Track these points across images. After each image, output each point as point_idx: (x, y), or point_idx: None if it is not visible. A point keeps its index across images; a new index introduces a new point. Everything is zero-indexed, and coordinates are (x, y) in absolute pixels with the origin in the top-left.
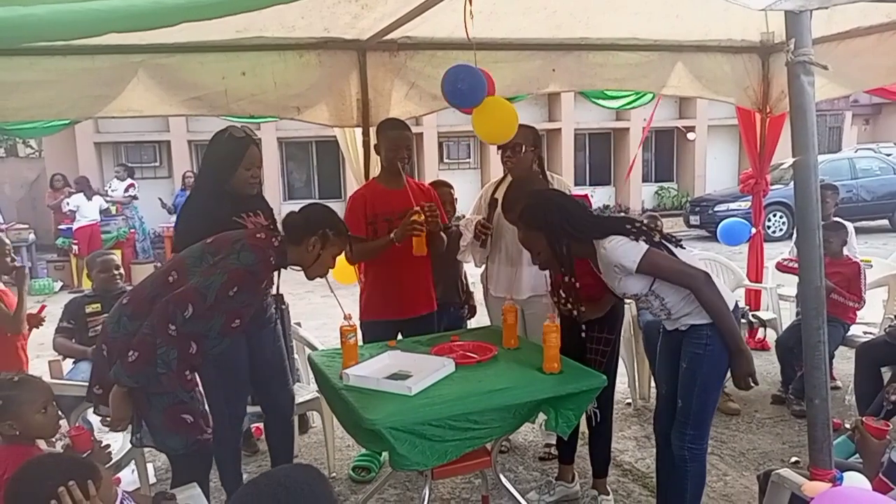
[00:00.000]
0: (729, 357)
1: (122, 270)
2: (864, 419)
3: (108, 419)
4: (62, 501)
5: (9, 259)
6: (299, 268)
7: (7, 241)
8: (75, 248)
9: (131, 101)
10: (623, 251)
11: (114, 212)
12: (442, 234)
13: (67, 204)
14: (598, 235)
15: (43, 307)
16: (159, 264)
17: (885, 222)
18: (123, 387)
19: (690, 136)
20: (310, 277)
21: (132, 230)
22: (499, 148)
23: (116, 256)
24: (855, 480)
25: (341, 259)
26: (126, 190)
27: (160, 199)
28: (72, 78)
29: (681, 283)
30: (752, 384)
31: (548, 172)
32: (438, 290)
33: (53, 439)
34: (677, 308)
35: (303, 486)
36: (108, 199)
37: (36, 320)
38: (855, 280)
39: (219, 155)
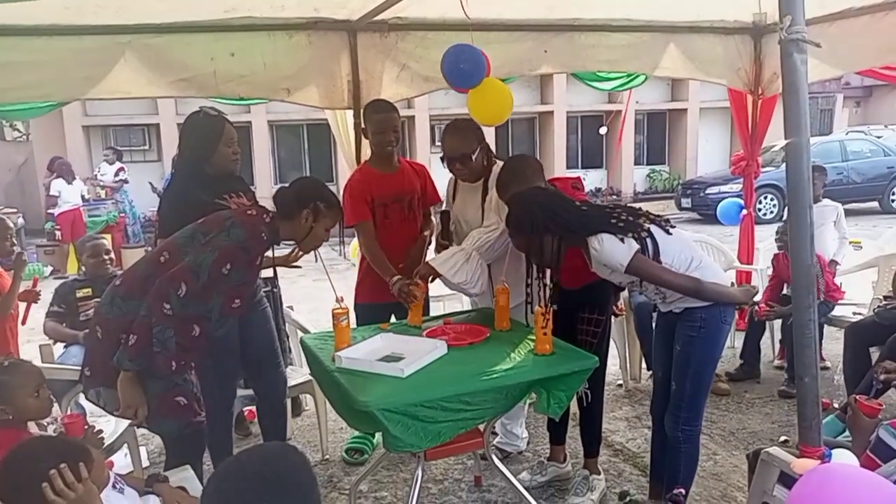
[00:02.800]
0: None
1: (112, 255)
2: (857, 397)
3: (106, 405)
4: (53, 484)
5: (9, 243)
6: (292, 242)
7: (11, 225)
8: (58, 233)
9: (119, 82)
10: (611, 252)
11: (103, 196)
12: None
13: (48, 189)
14: (586, 232)
15: (36, 280)
16: (150, 248)
17: (875, 204)
18: (128, 371)
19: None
20: (304, 251)
21: (122, 214)
22: (444, 160)
23: (107, 241)
24: (843, 457)
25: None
26: (116, 174)
27: (150, 184)
28: (58, 59)
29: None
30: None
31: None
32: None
33: (45, 423)
34: (671, 291)
35: (284, 460)
36: (98, 182)
37: (32, 296)
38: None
39: (197, 136)
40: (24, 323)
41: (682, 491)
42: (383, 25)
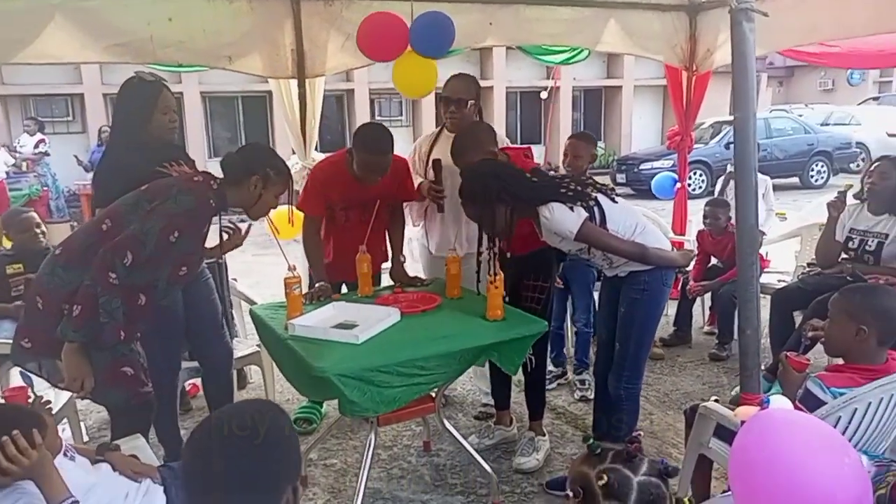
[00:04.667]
0: None
1: (43, 228)
2: (787, 354)
3: (49, 376)
4: (6, 451)
5: None
6: (240, 209)
7: None
8: None
9: (49, 46)
10: (561, 220)
11: (24, 169)
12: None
13: None
14: (538, 202)
15: None
16: (76, 224)
17: (796, 180)
18: (73, 342)
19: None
20: (253, 218)
21: (45, 188)
22: (442, 100)
23: (36, 214)
24: (780, 402)
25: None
26: (36, 146)
27: (76, 157)
28: None
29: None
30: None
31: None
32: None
33: None
34: (618, 257)
35: (266, 416)
36: (18, 154)
37: None
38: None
39: (132, 103)
40: None
41: (641, 432)
42: None
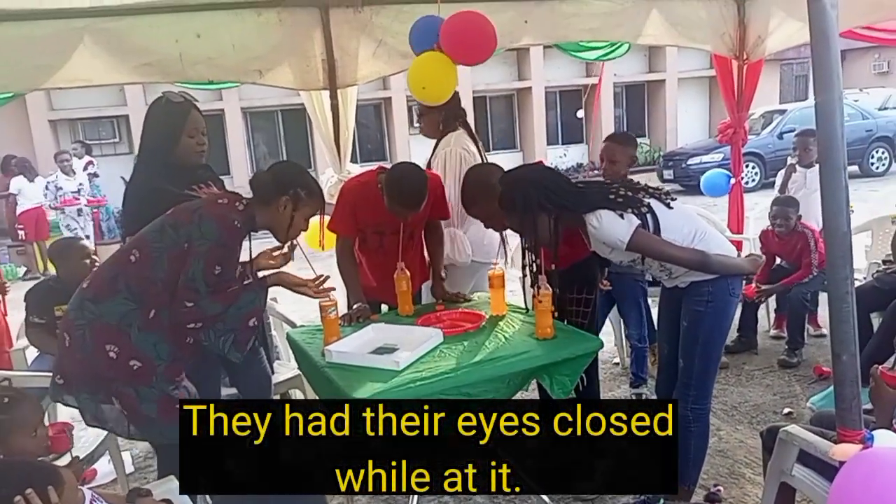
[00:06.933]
0: None
1: (95, 258)
2: (880, 367)
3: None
4: None
5: None
6: (268, 231)
7: None
8: (22, 233)
9: (78, 69)
10: (611, 229)
11: None
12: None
13: (8, 188)
14: (583, 210)
15: None
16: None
17: (855, 168)
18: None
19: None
20: (282, 242)
21: (95, 210)
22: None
23: (87, 242)
24: (886, 439)
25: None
26: (85, 168)
27: (122, 178)
28: (10, 47)
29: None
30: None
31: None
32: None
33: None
34: (677, 266)
35: None
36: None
37: (2, 289)
38: (805, 249)
39: (158, 125)
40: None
41: (720, 489)
42: (356, 0)
